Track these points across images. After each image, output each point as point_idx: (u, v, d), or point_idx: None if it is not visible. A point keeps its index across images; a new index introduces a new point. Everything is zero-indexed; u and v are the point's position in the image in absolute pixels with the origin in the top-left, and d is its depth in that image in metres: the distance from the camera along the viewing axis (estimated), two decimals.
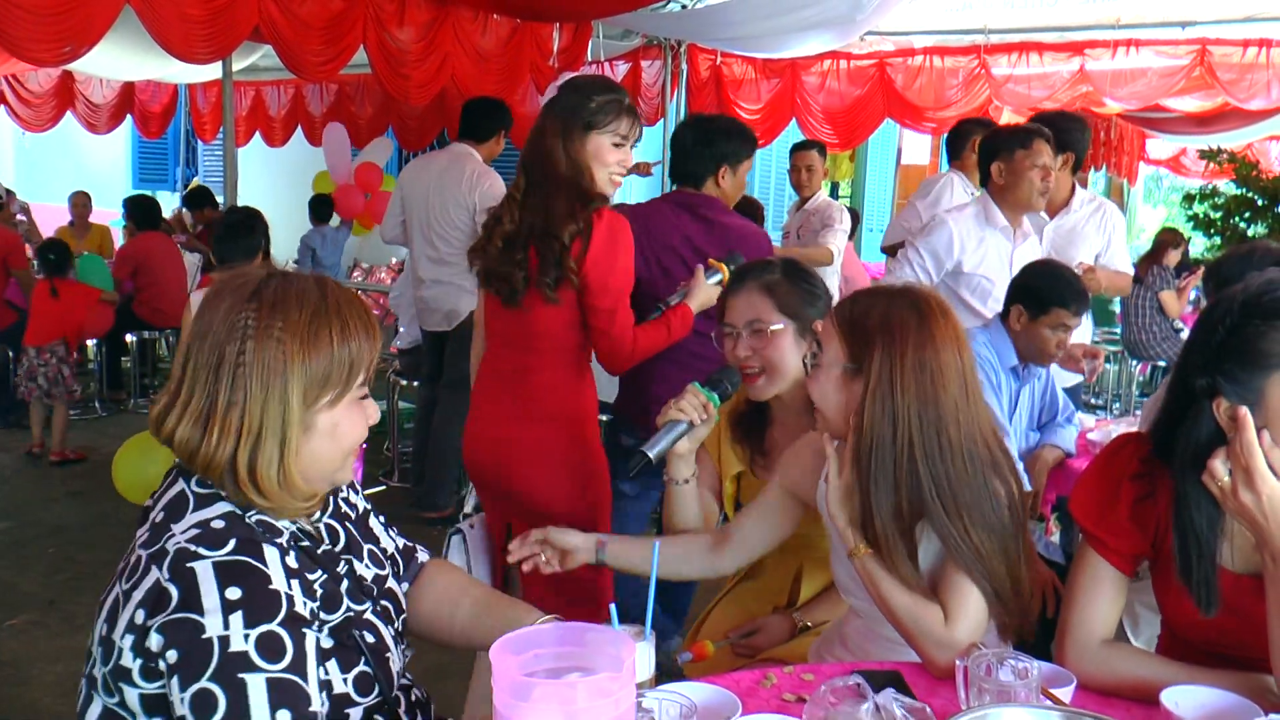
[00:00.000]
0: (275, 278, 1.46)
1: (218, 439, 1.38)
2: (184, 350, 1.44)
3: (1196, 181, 11.81)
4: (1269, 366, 1.55)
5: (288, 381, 1.39)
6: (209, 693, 1.28)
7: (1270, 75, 7.21)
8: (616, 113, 2.76)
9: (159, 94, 9.77)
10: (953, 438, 1.77)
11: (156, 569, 1.34)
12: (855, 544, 1.82)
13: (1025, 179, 3.72)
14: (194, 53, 5.26)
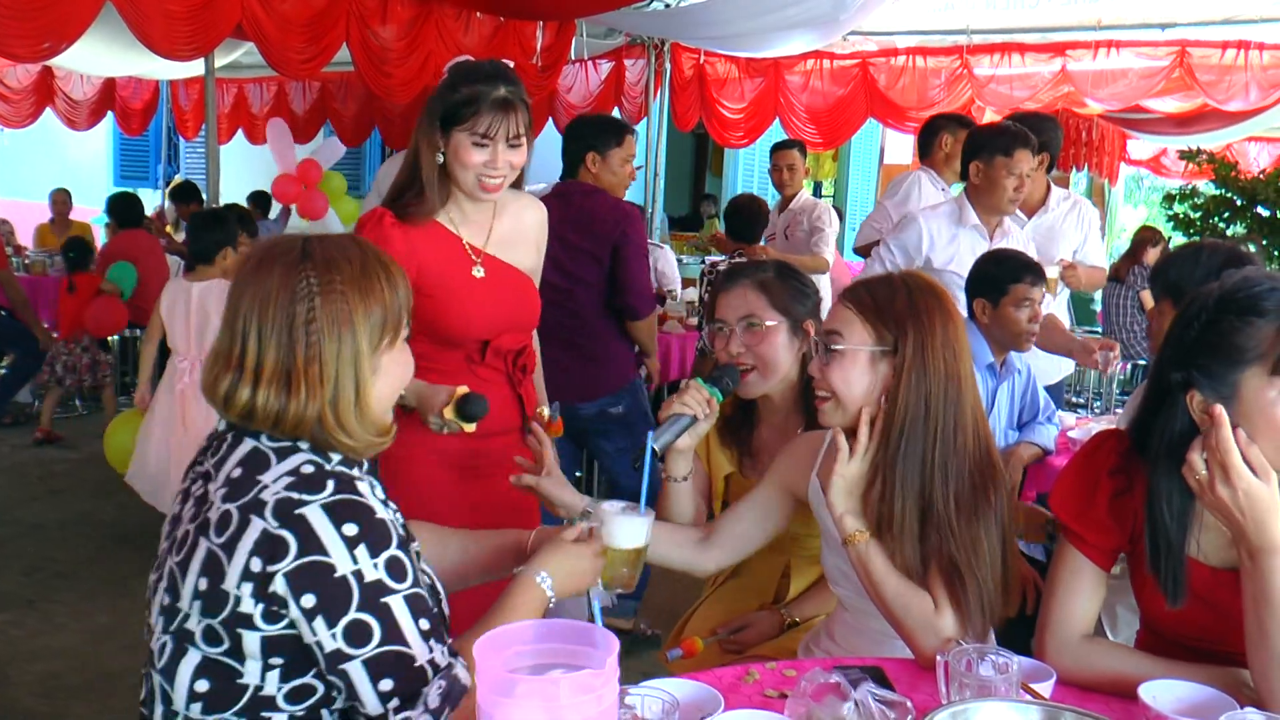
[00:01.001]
0: (312, 239, 1.54)
1: (305, 396, 1.47)
2: (239, 325, 1.49)
3: (1176, 182, 11.87)
4: (1243, 362, 1.57)
5: (355, 330, 1.49)
6: (361, 622, 1.40)
7: (1248, 77, 7.25)
8: (477, 105, 2.42)
9: (140, 90, 9.71)
10: (966, 415, 1.85)
11: (259, 519, 1.40)
12: (851, 532, 1.84)
13: (1000, 185, 3.78)
14: (176, 49, 5.24)
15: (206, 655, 1.44)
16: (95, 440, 6.86)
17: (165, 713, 1.49)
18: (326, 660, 1.42)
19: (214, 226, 4.79)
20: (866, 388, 1.88)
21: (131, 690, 3.62)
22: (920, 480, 1.82)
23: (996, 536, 1.82)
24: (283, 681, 1.45)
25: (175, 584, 1.47)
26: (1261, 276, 1.64)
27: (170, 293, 4.73)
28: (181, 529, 1.51)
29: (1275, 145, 12.50)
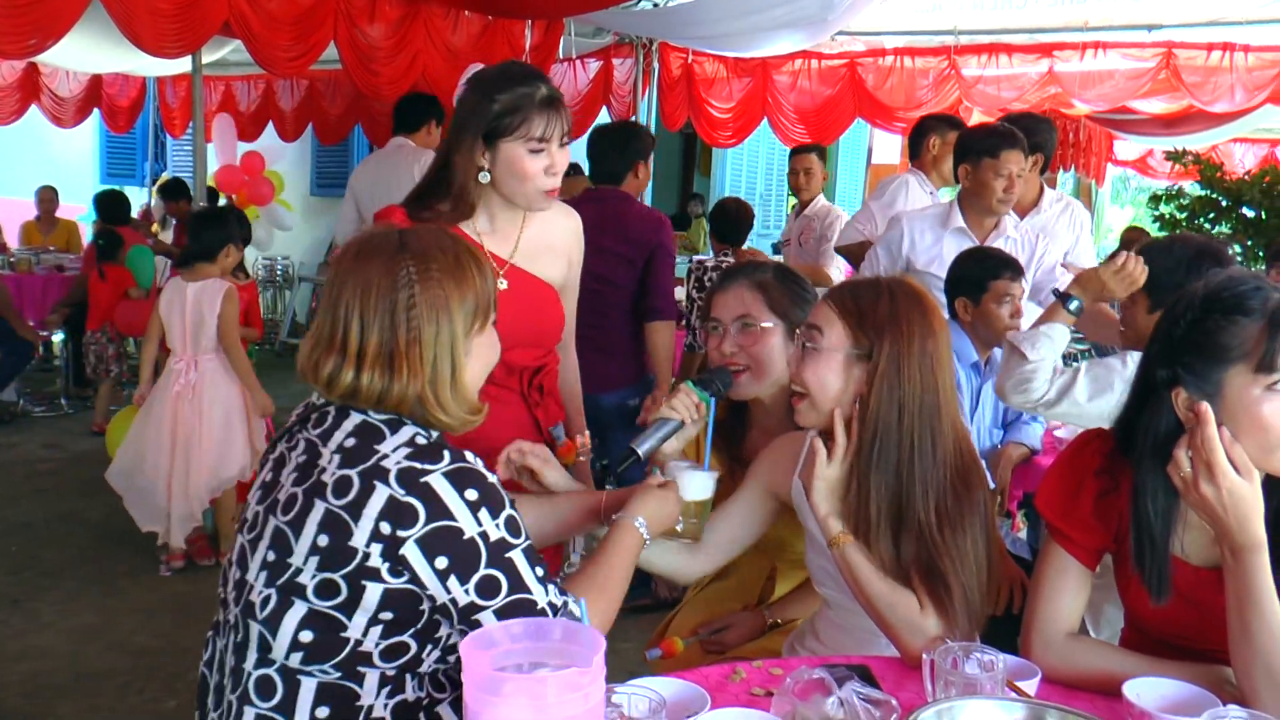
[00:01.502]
0: (407, 231, 1.67)
1: (408, 377, 1.59)
2: (341, 311, 1.60)
3: (1163, 182, 11.94)
4: (1227, 360, 1.58)
5: (451, 315, 1.61)
6: (490, 576, 1.54)
7: (1233, 79, 7.29)
8: (526, 110, 2.30)
9: (127, 88, 9.66)
10: (944, 429, 1.84)
11: (383, 485, 1.52)
12: (836, 534, 1.85)
13: (988, 187, 3.76)
14: (163, 47, 5.22)
15: (314, 608, 1.54)
16: (82, 439, 6.86)
17: (260, 660, 1.58)
18: (460, 613, 1.55)
19: (215, 225, 4.80)
20: (839, 389, 1.89)
21: (117, 688, 3.64)
22: (895, 487, 1.82)
23: (981, 543, 1.83)
24: (382, 638, 1.55)
25: (284, 541, 1.56)
26: (1247, 275, 1.65)
27: (168, 292, 4.72)
28: (283, 492, 1.60)
29: (1260, 146, 12.58)
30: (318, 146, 10.77)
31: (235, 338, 4.72)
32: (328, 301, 1.63)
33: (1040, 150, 4.28)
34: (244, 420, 4.73)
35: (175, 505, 4.64)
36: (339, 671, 1.56)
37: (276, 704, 1.57)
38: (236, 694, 1.60)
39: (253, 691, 1.59)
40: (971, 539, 1.81)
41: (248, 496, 1.72)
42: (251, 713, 1.58)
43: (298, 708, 1.56)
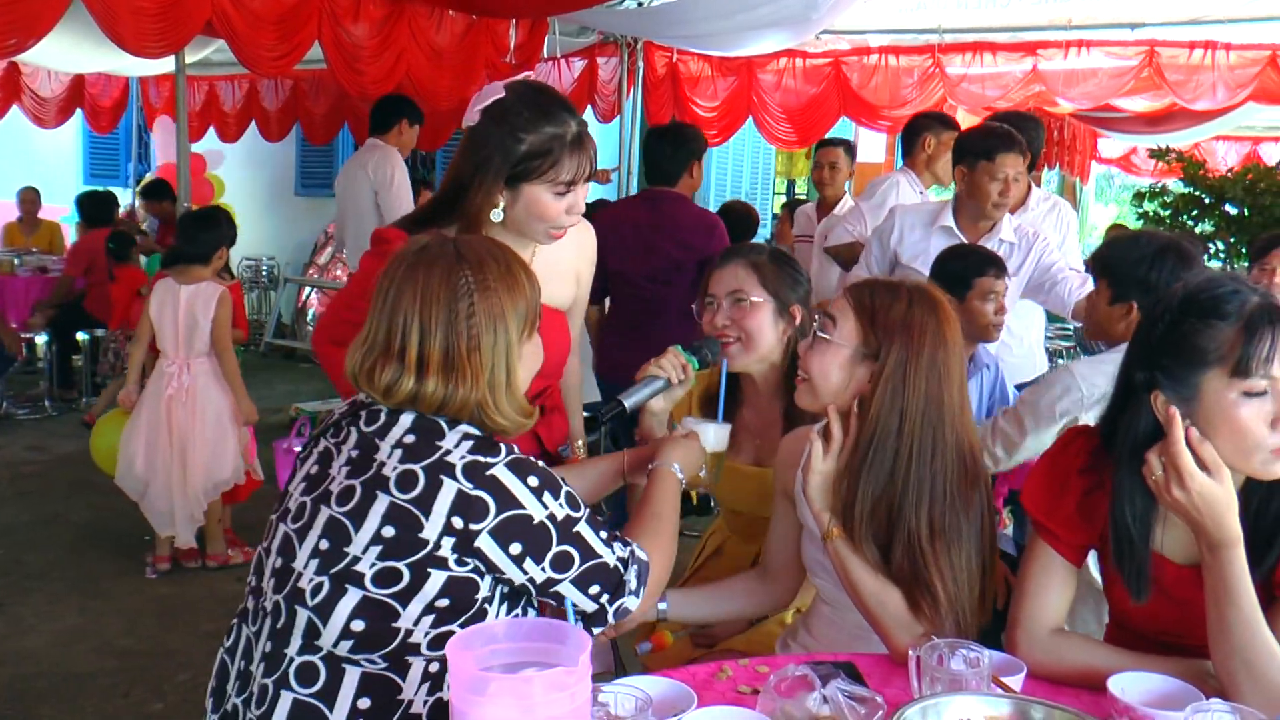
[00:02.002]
0: (460, 241, 1.73)
1: (471, 383, 1.64)
2: (399, 320, 1.65)
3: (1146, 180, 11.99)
4: (1204, 364, 1.59)
5: (507, 323, 1.68)
6: (563, 552, 1.63)
7: (1215, 77, 7.33)
8: (557, 153, 2.16)
9: (110, 87, 9.61)
10: (947, 440, 1.84)
11: (450, 479, 1.57)
12: (829, 528, 1.86)
13: (983, 190, 3.73)
14: (145, 47, 5.19)
15: (369, 596, 1.57)
16: (66, 441, 6.83)
17: (304, 646, 1.60)
18: (539, 588, 1.64)
19: (208, 226, 4.76)
20: (840, 383, 1.90)
21: (102, 691, 3.62)
22: (887, 492, 1.83)
23: (976, 560, 1.83)
24: (432, 627, 1.59)
25: (341, 531, 1.59)
26: (1225, 278, 1.65)
27: (159, 294, 4.68)
28: (336, 484, 1.63)
29: (1243, 144, 12.65)
30: (304, 146, 10.74)
31: (229, 342, 4.71)
32: (381, 310, 1.67)
33: (1030, 149, 4.29)
34: (235, 423, 4.73)
35: (178, 506, 4.63)
36: (385, 662, 1.59)
37: (317, 691, 1.59)
38: (273, 678, 1.61)
39: (293, 677, 1.60)
40: (966, 555, 1.82)
41: (288, 487, 1.75)
42: (289, 698, 1.60)
43: (339, 696, 1.59)
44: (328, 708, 1.58)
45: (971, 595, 1.82)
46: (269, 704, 1.60)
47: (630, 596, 1.70)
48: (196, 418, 4.62)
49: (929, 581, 1.78)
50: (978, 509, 1.85)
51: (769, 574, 2.21)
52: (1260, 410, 1.57)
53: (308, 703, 1.59)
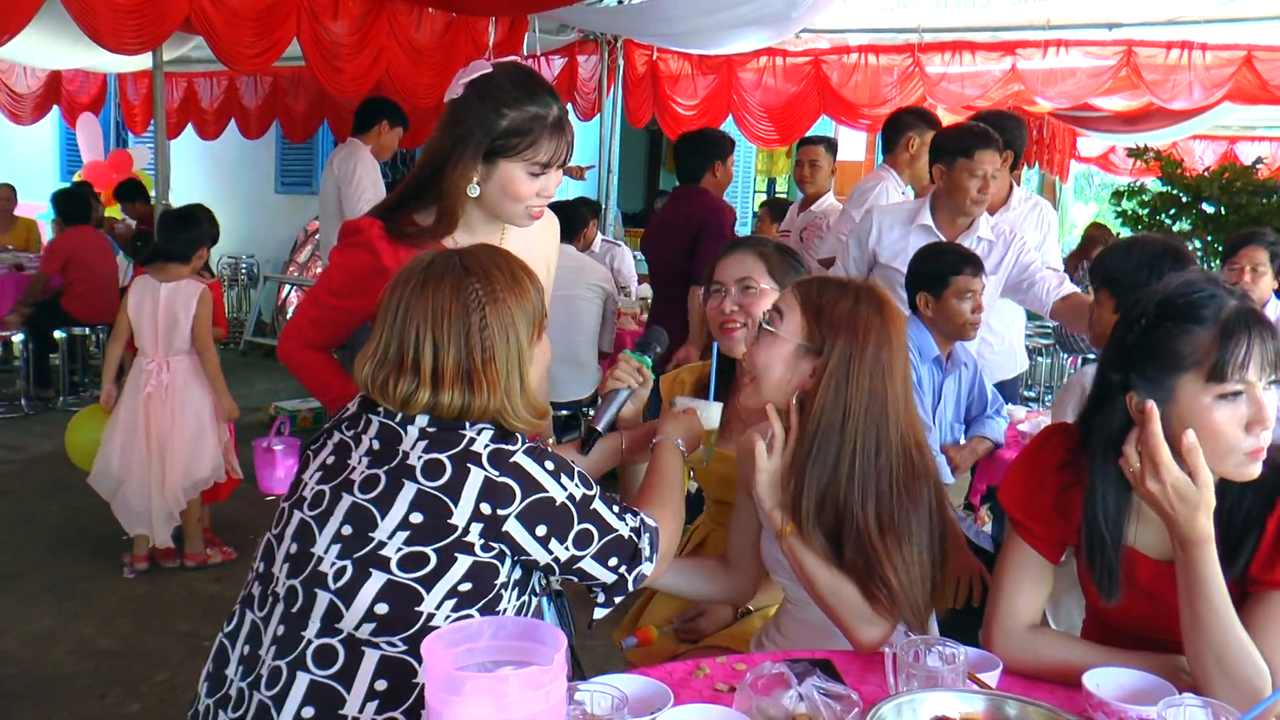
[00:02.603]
0: (464, 253, 1.77)
1: (487, 392, 1.69)
2: (411, 335, 1.69)
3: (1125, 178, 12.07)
4: (1180, 368, 1.60)
5: (517, 330, 1.73)
6: (584, 530, 1.70)
7: (1192, 77, 7.39)
8: (536, 133, 2.18)
9: (87, 84, 9.56)
10: (890, 437, 1.84)
11: (477, 468, 1.63)
12: (782, 525, 1.87)
13: (962, 188, 3.74)
14: (123, 43, 5.17)
15: (394, 580, 1.62)
16: (42, 440, 6.78)
17: (323, 629, 1.64)
18: (562, 566, 1.71)
19: (188, 225, 4.73)
20: (782, 378, 1.91)
21: (78, 693, 3.60)
22: (832, 488, 1.83)
23: (927, 554, 1.84)
24: (453, 611, 1.64)
25: (366, 517, 1.64)
26: (1202, 282, 1.66)
27: (137, 292, 4.65)
28: (357, 473, 1.68)
29: (1219, 143, 12.75)
30: (283, 144, 10.70)
31: (210, 340, 4.69)
32: (392, 326, 1.71)
33: (1010, 148, 4.30)
34: (215, 422, 4.70)
35: (155, 505, 4.60)
36: (405, 645, 1.63)
37: (335, 673, 1.62)
38: (287, 660, 1.64)
39: (310, 659, 1.63)
40: (917, 548, 1.82)
41: (301, 477, 1.78)
42: (305, 679, 1.62)
43: (357, 678, 1.62)
44: (345, 689, 1.62)
45: (923, 589, 1.82)
46: (283, 685, 1.63)
47: (646, 563, 1.79)
48: (175, 416, 4.60)
49: (883, 574, 1.80)
50: (925, 504, 1.86)
51: (730, 564, 2.22)
52: (1235, 413, 1.58)
53: (325, 684, 1.62)
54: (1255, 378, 1.57)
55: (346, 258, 2.32)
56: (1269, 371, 1.58)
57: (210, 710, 1.70)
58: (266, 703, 1.63)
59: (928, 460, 1.90)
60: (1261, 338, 1.58)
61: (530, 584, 1.78)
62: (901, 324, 1.92)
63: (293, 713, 1.61)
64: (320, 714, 1.61)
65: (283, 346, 2.45)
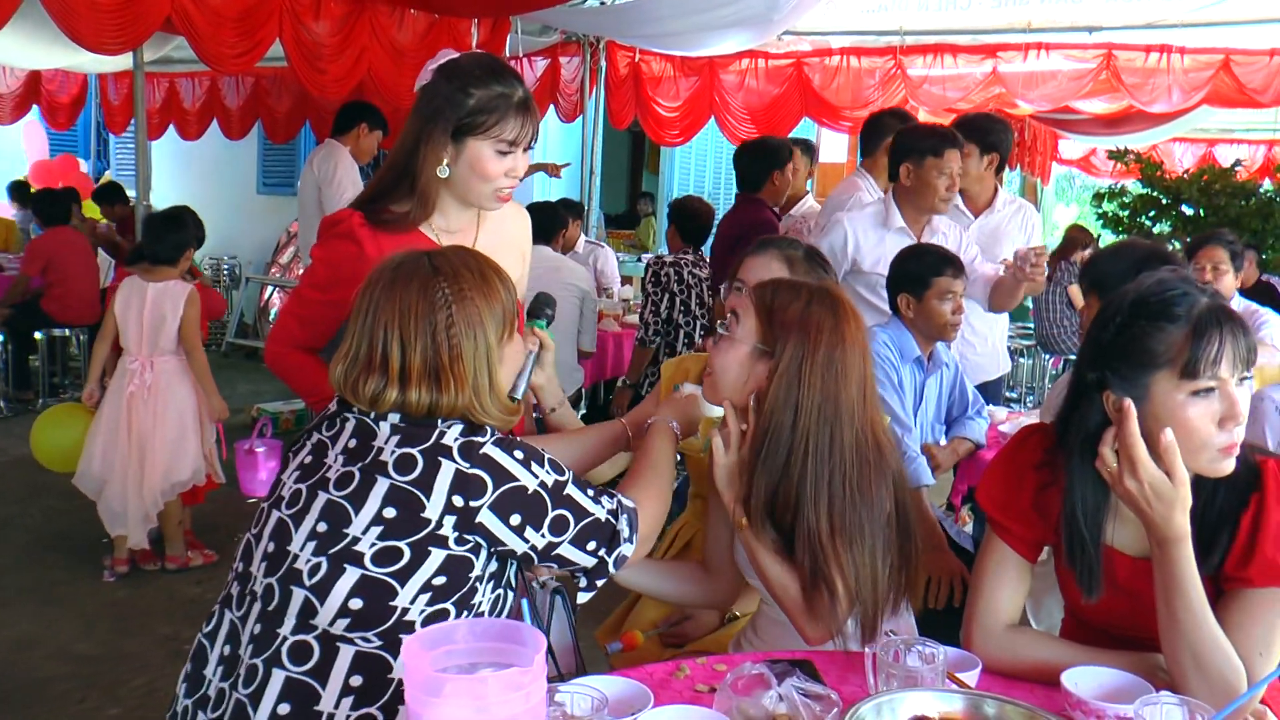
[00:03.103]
0: (434, 254, 1.78)
1: (455, 390, 1.70)
2: (379, 334, 1.70)
3: (1106, 181, 12.14)
4: (1154, 366, 1.61)
5: (485, 329, 1.74)
6: (559, 516, 1.72)
7: (1171, 80, 7.44)
8: (502, 110, 2.25)
9: (68, 84, 9.50)
10: (844, 438, 1.85)
11: (448, 460, 1.65)
12: (738, 518, 1.89)
13: (931, 186, 3.77)
14: (103, 43, 5.14)
15: (368, 574, 1.63)
16: (21, 443, 6.70)
17: (299, 626, 1.65)
18: (540, 554, 1.72)
19: (174, 228, 4.71)
20: (739, 379, 1.92)
21: (56, 698, 3.58)
22: (783, 487, 1.85)
23: (881, 558, 1.84)
24: (428, 605, 1.65)
25: (340, 514, 1.65)
26: (1175, 280, 1.68)
27: (125, 292, 4.63)
28: (333, 471, 1.70)
29: (1199, 146, 12.83)
30: (265, 145, 10.66)
31: (198, 340, 4.68)
32: (361, 326, 1.73)
33: (996, 150, 4.32)
34: (197, 423, 4.68)
35: (131, 506, 4.57)
36: (380, 640, 1.64)
37: (310, 669, 1.63)
38: (263, 657, 1.65)
39: (285, 655, 1.64)
40: (868, 549, 1.83)
41: (280, 477, 1.80)
42: (281, 676, 1.63)
43: (332, 673, 1.63)
44: (320, 685, 1.62)
45: (876, 590, 1.83)
46: (259, 682, 1.63)
47: (626, 544, 1.80)
48: (157, 417, 4.58)
49: (828, 577, 1.81)
50: (880, 506, 1.86)
51: (710, 569, 2.22)
52: (1208, 409, 1.60)
53: (300, 680, 1.62)
54: (1227, 374, 1.59)
55: (328, 250, 2.37)
56: (1240, 368, 1.60)
57: (189, 710, 1.70)
58: (243, 700, 1.64)
59: (887, 461, 1.90)
60: (1233, 335, 1.60)
61: (506, 578, 1.79)
62: (857, 325, 1.92)
63: (269, 710, 1.61)
64: (296, 710, 1.61)
65: (270, 350, 2.47)
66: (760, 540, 1.88)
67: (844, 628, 1.83)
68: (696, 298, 5.55)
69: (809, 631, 1.85)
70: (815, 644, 1.84)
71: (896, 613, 1.92)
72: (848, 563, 1.81)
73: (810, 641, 1.85)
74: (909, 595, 1.93)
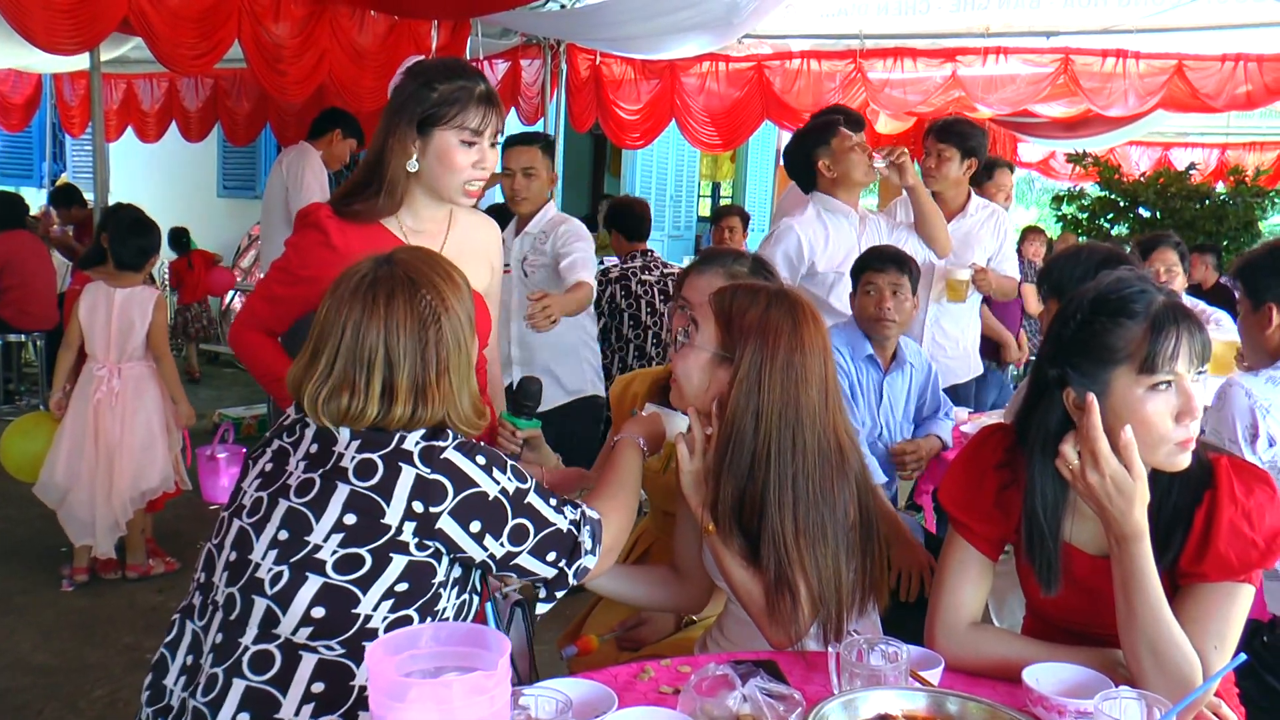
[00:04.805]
0: (400, 263, 1.74)
1: (439, 403, 1.69)
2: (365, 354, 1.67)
3: (1065, 184, 12.29)
4: (1113, 361, 1.64)
5: (465, 333, 1.74)
6: (520, 525, 1.70)
7: (1127, 85, 7.54)
8: (464, 101, 2.34)
9: (21, 84, 9.35)
10: (807, 440, 1.86)
11: (408, 466, 1.63)
12: (705, 523, 1.90)
13: (849, 159, 3.82)
14: (58, 43, 5.06)
15: (330, 583, 1.62)
16: None
17: (260, 635, 1.64)
18: (498, 563, 1.71)
19: (140, 233, 4.65)
20: (701, 385, 1.93)
21: (13, 711, 3.52)
22: (749, 491, 1.86)
23: (843, 555, 1.86)
24: (390, 612, 1.64)
25: (301, 521, 1.63)
26: (1133, 278, 1.71)
27: (90, 298, 4.56)
28: (294, 478, 1.68)
29: (1154, 149, 13.00)
30: (225, 147, 10.56)
31: (166, 345, 4.64)
32: (337, 344, 1.68)
33: (975, 155, 4.37)
34: (164, 430, 4.63)
35: (100, 515, 4.51)
36: (343, 649, 1.63)
37: (271, 677, 1.62)
38: (224, 667, 1.64)
39: (246, 665, 1.63)
40: (831, 551, 1.84)
41: (240, 485, 1.77)
42: (241, 685, 1.62)
43: (293, 681, 1.62)
44: (280, 693, 1.62)
45: (839, 590, 1.84)
46: (219, 691, 1.63)
47: (588, 556, 1.78)
48: (125, 424, 4.52)
49: (791, 581, 1.82)
50: (843, 508, 1.88)
51: (680, 572, 2.24)
52: (1166, 404, 1.63)
53: (260, 689, 1.62)
54: (1184, 369, 1.62)
55: (298, 237, 2.45)
56: (1196, 363, 1.63)
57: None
58: (202, 709, 1.63)
59: (849, 463, 1.92)
60: (1189, 331, 1.63)
61: (470, 583, 1.78)
62: (816, 328, 1.93)
63: (228, 719, 1.60)
64: (255, 719, 1.60)
65: (234, 329, 2.55)
66: (727, 545, 1.88)
67: (806, 632, 1.84)
68: (647, 306, 5.40)
69: (772, 635, 1.86)
70: (779, 648, 1.85)
71: (864, 614, 1.93)
72: (810, 564, 1.82)
73: (774, 645, 1.86)
74: (874, 595, 1.94)
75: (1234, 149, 12.76)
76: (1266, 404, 2.56)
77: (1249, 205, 8.51)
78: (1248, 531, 1.65)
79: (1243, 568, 1.65)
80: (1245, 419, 2.57)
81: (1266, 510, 1.66)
